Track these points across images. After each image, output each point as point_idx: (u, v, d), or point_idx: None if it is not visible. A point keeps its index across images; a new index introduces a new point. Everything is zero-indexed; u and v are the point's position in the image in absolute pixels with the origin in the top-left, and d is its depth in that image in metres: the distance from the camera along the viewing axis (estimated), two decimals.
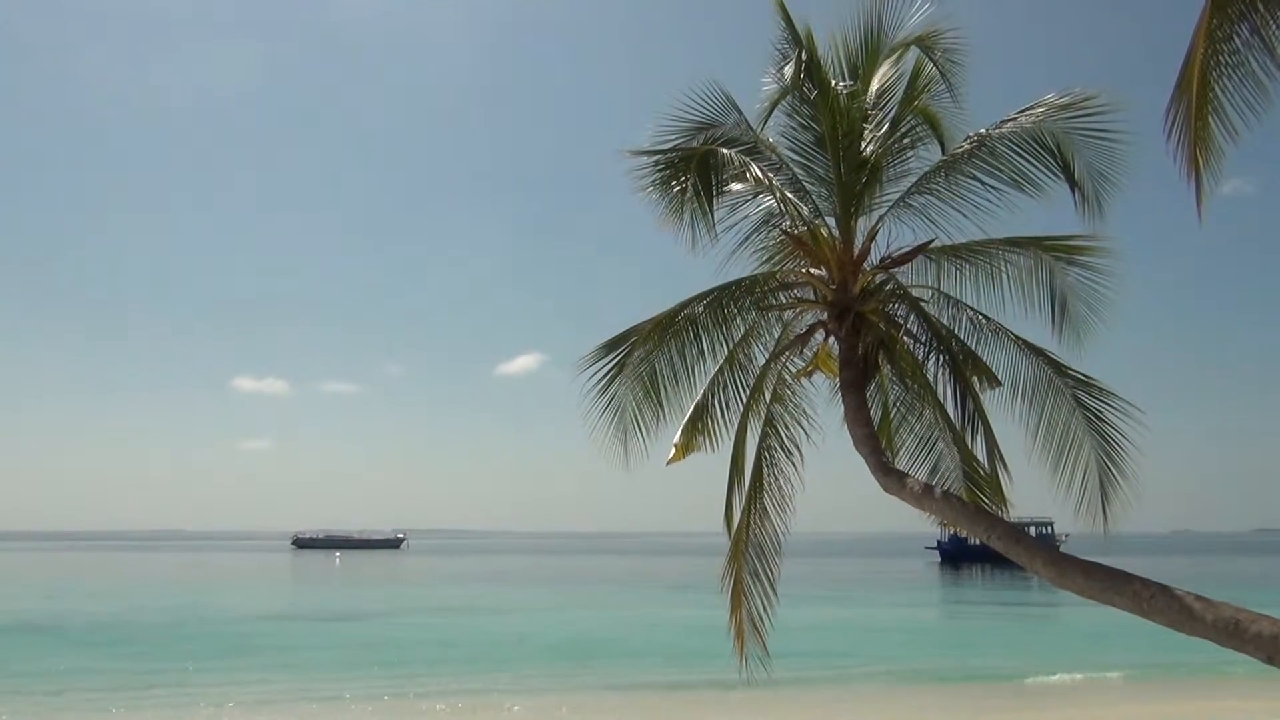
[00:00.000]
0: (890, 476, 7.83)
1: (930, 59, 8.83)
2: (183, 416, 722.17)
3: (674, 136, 8.91)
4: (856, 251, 8.57)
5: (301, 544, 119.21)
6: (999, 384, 8.62)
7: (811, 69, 8.62)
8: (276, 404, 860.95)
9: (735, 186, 8.81)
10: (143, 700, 18.42)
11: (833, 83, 8.67)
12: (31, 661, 24.36)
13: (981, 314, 8.79)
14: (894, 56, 9.04)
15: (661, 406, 9.23)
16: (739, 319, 9.16)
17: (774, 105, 9.13)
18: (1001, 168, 8.21)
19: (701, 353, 9.17)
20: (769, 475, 9.09)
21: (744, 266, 9.25)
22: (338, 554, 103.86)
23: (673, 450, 9.54)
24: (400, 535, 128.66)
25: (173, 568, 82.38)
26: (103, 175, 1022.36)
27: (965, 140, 8.46)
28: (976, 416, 8.29)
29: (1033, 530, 64.95)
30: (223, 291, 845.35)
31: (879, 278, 8.60)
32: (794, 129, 9.08)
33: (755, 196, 8.95)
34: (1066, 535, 70.23)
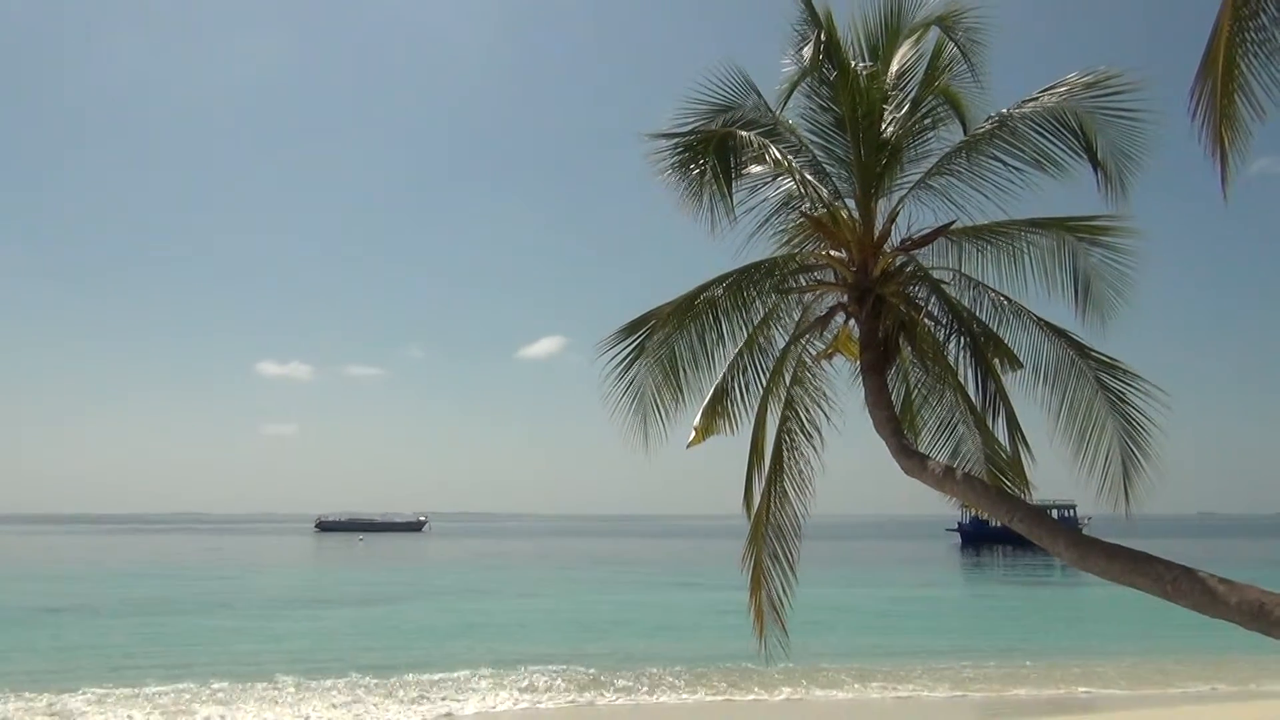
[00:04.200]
0: (911, 459, 7.82)
1: (951, 38, 8.76)
2: (208, 401, 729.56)
3: (693, 119, 8.88)
4: (877, 233, 8.54)
5: (325, 527, 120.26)
6: (1021, 366, 8.58)
7: (831, 50, 8.57)
8: (300, 388, 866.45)
9: (754, 169, 8.78)
10: (168, 680, 18.64)
11: (852, 64, 8.63)
12: (58, 640, 24.73)
13: (1003, 295, 8.73)
14: (914, 36, 8.97)
15: (681, 389, 9.23)
16: (758, 302, 9.14)
17: (793, 87, 9.07)
18: (1023, 148, 8.14)
19: (721, 336, 9.16)
20: (789, 458, 9.10)
21: (763, 249, 9.23)
22: (360, 537, 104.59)
23: (692, 433, 9.56)
24: (422, 518, 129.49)
25: (199, 550, 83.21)
26: (129, 162, 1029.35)
27: (987, 120, 8.40)
28: (998, 398, 8.27)
29: (1055, 513, 64.71)
30: (247, 277, 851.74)
31: (899, 260, 8.56)
32: (813, 111, 9.04)
33: (774, 179, 8.91)
34: (1089, 518, 70.03)
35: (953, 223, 8.50)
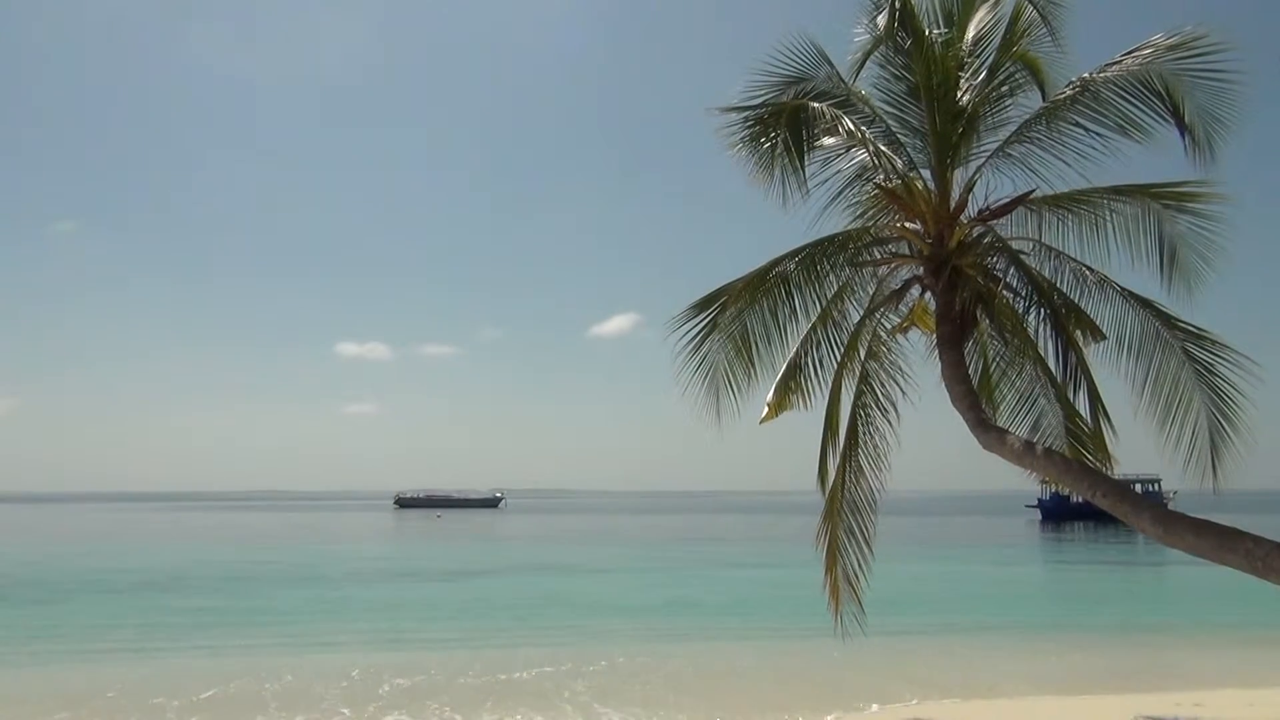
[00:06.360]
0: (990, 433, 7.72)
1: (1030, 1, 8.55)
2: (290, 382, 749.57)
3: (764, 91, 8.83)
4: (953, 204, 8.41)
5: (404, 503, 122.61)
6: (1103, 337, 8.40)
7: (905, 17, 8.44)
8: (378, 368, 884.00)
9: (827, 141, 8.68)
10: (256, 649, 19.28)
11: (927, 31, 8.48)
12: (146, 615, 25.68)
13: (1085, 265, 8.55)
14: (991, 0, 8.77)
15: (753, 365, 9.24)
16: (832, 276, 9.09)
17: (866, 56, 8.97)
18: (1106, 113, 7.92)
19: (794, 311, 9.13)
20: (864, 433, 9.05)
21: (837, 222, 9.15)
22: (439, 513, 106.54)
23: (766, 409, 9.55)
24: (498, 495, 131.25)
25: (284, 526, 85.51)
26: (210, 147, 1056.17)
27: (1067, 86, 8.19)
28: (1079, 371, 8.12)
29: (1139, 487, 63.14)
30: (325, 260, 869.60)
31: (976, 230, 8.42)
32: (887, 80, 8.92)
33: (848, 150, 8.80)
34: (1175, 492, 67.96)
35: (1032, 191, 8.33)
